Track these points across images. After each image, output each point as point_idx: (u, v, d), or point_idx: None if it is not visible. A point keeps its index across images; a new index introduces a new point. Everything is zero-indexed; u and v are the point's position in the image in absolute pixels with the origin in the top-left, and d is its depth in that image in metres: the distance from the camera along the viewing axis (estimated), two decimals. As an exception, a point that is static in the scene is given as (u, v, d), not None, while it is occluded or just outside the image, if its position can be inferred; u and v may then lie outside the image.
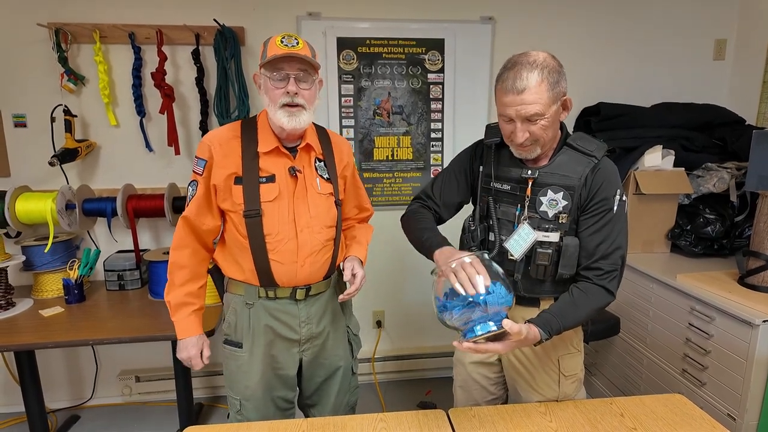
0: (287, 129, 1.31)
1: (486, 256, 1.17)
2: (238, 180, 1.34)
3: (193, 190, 1.38)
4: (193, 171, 1.38)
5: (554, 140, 1.26)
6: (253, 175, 1.34)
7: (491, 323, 1.08)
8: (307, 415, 1.63)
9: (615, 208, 1.23)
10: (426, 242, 1.31)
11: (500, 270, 1.15)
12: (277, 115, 1.29)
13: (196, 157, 1.38)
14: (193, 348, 1.43)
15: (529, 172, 1.26)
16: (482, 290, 1.07)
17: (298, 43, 1.28)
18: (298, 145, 1.39)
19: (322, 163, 1.44)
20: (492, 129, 1.34)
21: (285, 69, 1.28)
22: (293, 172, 1.37)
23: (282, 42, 1.27)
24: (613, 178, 1.24)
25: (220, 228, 1.45)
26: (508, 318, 1.08)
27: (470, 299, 1.07)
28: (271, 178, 1.35)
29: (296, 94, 1.28)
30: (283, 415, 1.51)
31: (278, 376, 1.47)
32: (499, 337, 1.10)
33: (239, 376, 1.45)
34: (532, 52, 1.17)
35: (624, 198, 1.26)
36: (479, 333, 1.07)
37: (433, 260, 1.26)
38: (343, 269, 1.45)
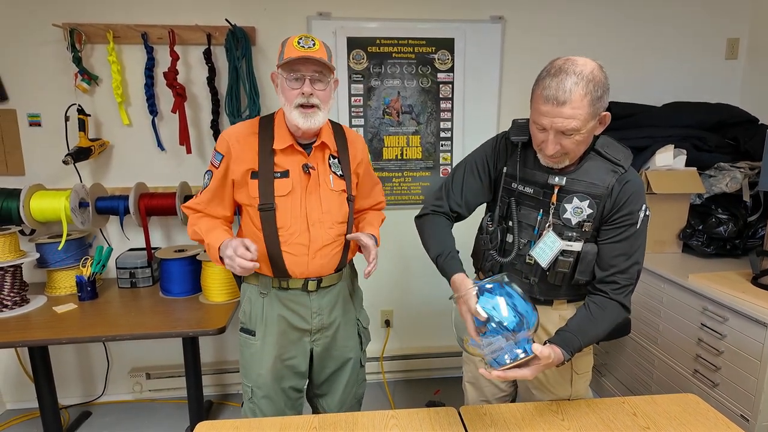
0: (302, 128, 1.34)
1: (506, 279, 1.13)
2: (254, 175, 1.39)
3: (207, 180, 1.44)
4: (211, 163, 1.44)
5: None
6: (268, 171, 1.38)
7: (518, 350, 1.06)
8: (314, 406, 1.67)
9: (639, 222, 1.20)
10: (439, 265, 1.29)
11: (521, 292, 1.11)
12: (292, 115, 1.33)
13: (214, 150, 1.44)
14: (231, 247, 1.27)
15: (557, 178, 1.21)
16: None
17: (314, 45, 1.31)
18: (313, 142, 1.42)
19: (336, 160, 1.47)
20: (519, 126, 1.27)
21: (301, 71, 1.31)
22: (306, 169, 1.40)
23: (299, 43, 1.30)
24: (640, 191, 1.21)
25: (231, 219, 1.51)
26: (534, 342, 1.07)
27: (492, 331, 1.07)
28: (285, 174, 1.39)
29: (311, 95, 1.31)
30: (293, 404, 1.55)
31: (289, 365, 1.50)
32: (526, 362, 1.08)
33: (252, 363, 1.49)
34: (579, 59, 1.08)
35: (648, 213, 1.22)
36: (508, 362, 1.06)
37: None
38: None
